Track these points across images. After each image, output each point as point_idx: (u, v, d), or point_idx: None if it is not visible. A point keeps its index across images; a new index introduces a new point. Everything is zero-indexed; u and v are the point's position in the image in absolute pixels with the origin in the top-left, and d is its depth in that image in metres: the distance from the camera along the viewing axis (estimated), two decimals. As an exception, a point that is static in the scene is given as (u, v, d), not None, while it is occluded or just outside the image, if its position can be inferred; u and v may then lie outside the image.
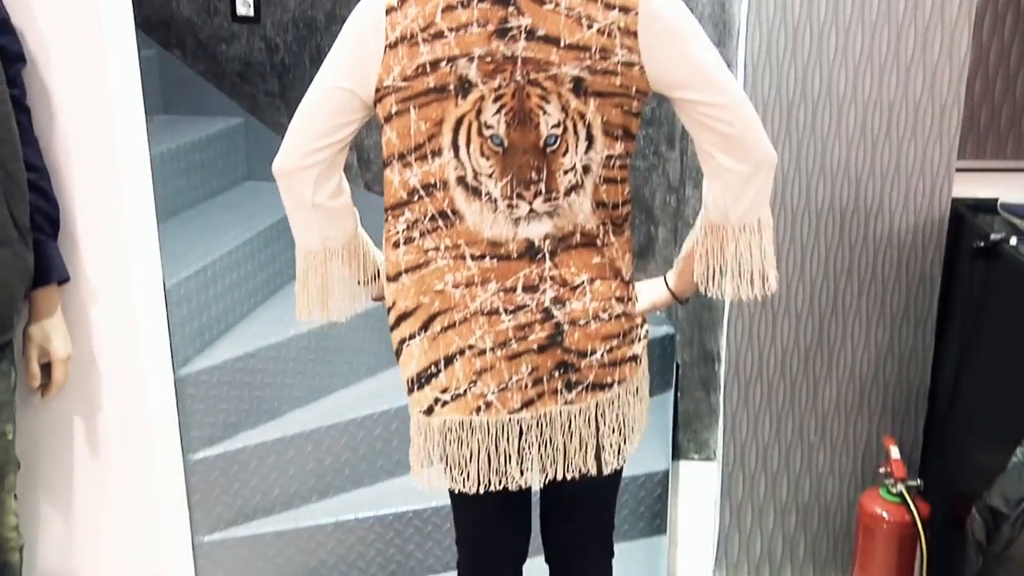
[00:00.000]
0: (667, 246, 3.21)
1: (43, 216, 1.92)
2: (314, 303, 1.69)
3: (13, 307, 1.84)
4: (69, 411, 2.20)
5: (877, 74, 2.35)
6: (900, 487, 2.25)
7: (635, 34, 1.42)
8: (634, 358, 1.60)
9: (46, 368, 2.01)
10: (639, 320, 1.62)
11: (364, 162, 3.28)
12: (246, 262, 2.84)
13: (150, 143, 2.19)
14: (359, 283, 1.71)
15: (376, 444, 2.70)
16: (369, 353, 2.90)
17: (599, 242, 1.54)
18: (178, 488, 2.38)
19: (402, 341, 1.60)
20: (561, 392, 1.56)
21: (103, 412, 2.20)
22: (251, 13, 3.30)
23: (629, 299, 1.59)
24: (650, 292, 1.70)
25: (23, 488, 2.17)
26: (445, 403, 1.57)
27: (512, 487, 1.59)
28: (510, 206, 1.50)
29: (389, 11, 1.46)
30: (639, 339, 1.62)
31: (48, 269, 1.93)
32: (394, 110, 1.49)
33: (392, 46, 1.46)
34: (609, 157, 1.49)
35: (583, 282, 1.54)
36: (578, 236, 1.52)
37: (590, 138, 1.48)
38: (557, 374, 1.55)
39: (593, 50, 1.42)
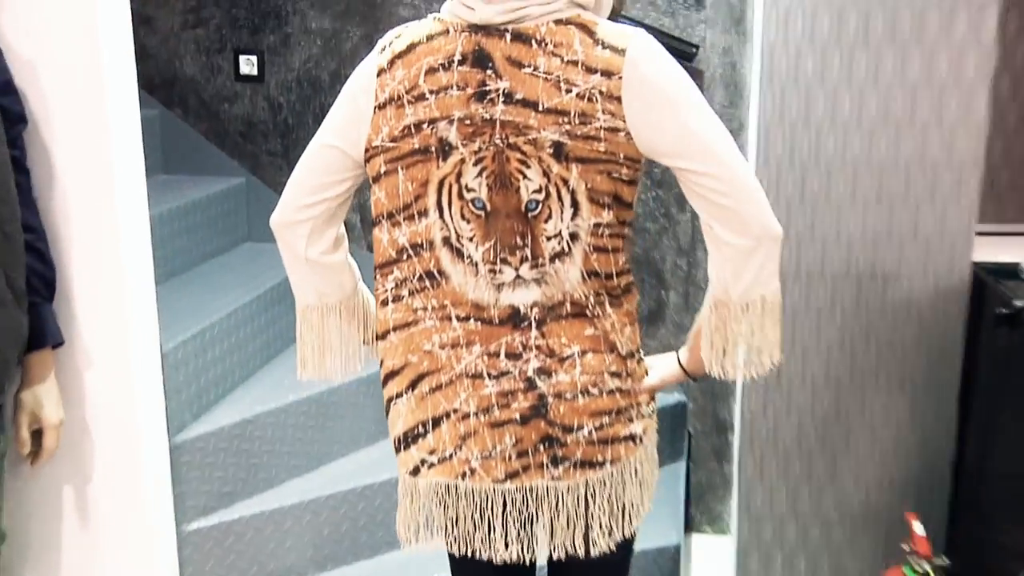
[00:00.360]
0: (679, 311, 3.20)
1: (39, 278, 1.92)
2: (311, 360, 1.70)
3: (6, 372, 1.83)
4: (59, 480, 2.17)
5: (893, 135, 2.35)
6: (926, 565, 2.24)
7: (619, 99, 1.41)
8: (631, 438, 1.58)
9: (37, 435, 1.99)
10: (642, 398, 1.60)
11: (367, 222, 3.31)
12: (245, 325, 2.83)
13: (150, 203, 2.25)
14: (362, 342, 1.72)
15: (377, 515, 2.68)
16: (370, 420, 2.89)
17: (591, 313, 1.52)
18: (171, 561, 2.35)
19: (390, 399, 1.61)
20: (547, 467, 1.54)
21: (95, 481, 2.19)
22: (255, 72, 3.34)
23: (628, 375, 1.57)
24: (661, 367, 1.67)
25: (10, 561, 2.15)
26: (432, 465, 1.57)
27: (497, 560, 1.57)
28: (492, 271, 1.50)
29: (380, 73, 1.49)
30: (639, 417, 1.59)
31: (43, 333, 1.93)
32: (383, 170, 1.51)
33: (381, 107, 1.48)
34: (597, 225, 1.48)
35: (573, 354, 1.52)
36: (568, 306, 1.51)
37: (575, 204, 1.46)
38: (542, 448, 1.53)
39: (572, 115, 1.41)
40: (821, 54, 2.37)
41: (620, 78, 1.40)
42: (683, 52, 2.87)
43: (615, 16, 1.58)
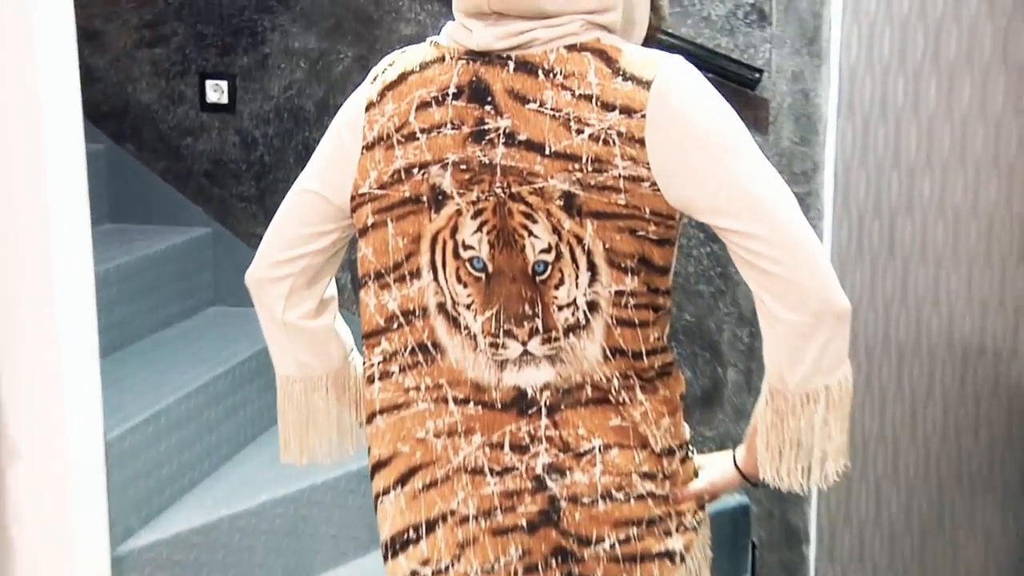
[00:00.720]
0: (739, 392, 3.18)
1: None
2: (294, 441, 1.75)
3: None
4: (-28, 601, 2.17)
5: (1005, 177, 2.33)
6: None
7: (641, 142, 1.42)
8: (668, 555, 1.57)
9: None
10: (685, 505, 1.60)
11: (358, 283, 3.36)
12: (209, 408, 2.83)
13: (95, 258, 2.22)
14: (357, 423, 1.76)
15: (369, 644, 2.67)
16: (360, 524, 2.88)
17: (616, 399, 1.53)
18: None
19: (377, 495, 1.64)
20: None
21: (18, 603, 2.18)
22: (224, 100, 3.36)
23: (666, 476, 1.57)
24: (713, 468, 1.67)
25: None
26: None
27: None
28: (494, 345, 1.52)
29: (369, 107, 1.53)
30: (680, 530, 1.59)
31: None
32: (370, 222, 1.55)
33: (369, 147, 1.53)
34: (620, 293, 1.49)
35: (593, 449, 1.54)
36: (588, 389, 1.53)
37: (592, 268, 1.48)
38: (554, 563, 1.55)
39: (584, 161, 1.43)
40: (914, 78, 2.37)
41: (643, 116, 1.42)
42: (744, 79, 2.86)
43: (653, 37, 1.59)
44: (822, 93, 2.83)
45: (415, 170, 1.50)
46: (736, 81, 2.83)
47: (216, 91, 3.36)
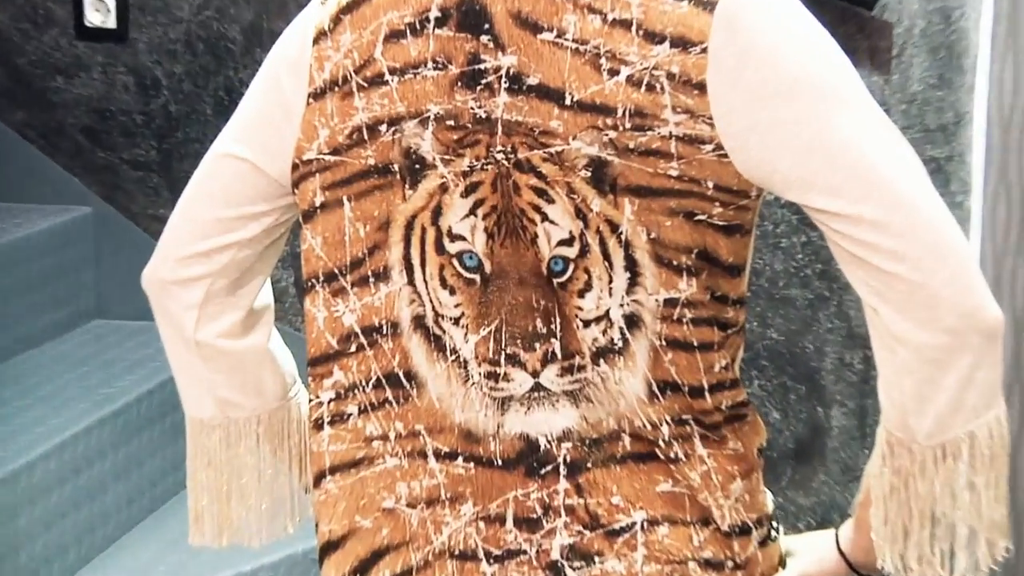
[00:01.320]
0: (847, 443, 3.19)
1: None
2: (206, 514, 1.78)
3: None
4: None
5: None
6: None
7: (702, 87, 1.44)
8: None
9: None
10: None
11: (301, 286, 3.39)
12: (88, 466, 2.80)
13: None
14: (301, 486, 1.82)
15: None
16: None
17: (665, 455, 1.55)
18: None
19: None
20: None
21: None
22: (111, 24, 3.35)
23: (739, 565, 1.58)
24: (808, 554, 1.69)
25: None
26: None
27: None
28: (493, 376, 1.56)
29: (318, 38, 1.57)
30: None
31: None
32: (319, 201, 1.58)
33: (318, 95, 1.56)
34: (671, 303, 1.51)
35: (633, 525, 1.56)
36: (627, 441, 1.55)
37: (633, 267, 1.51)
38: None
39: (620, 114, 1.46)
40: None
41: (704, 50, 1.44)
42: None
43: None
44: (971, 14, 2.80)
45: (382, 127, 1.53)
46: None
47: (99, 10, 3.34)
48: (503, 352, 1.54)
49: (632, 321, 1.51)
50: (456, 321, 1.55)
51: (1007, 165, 2.51)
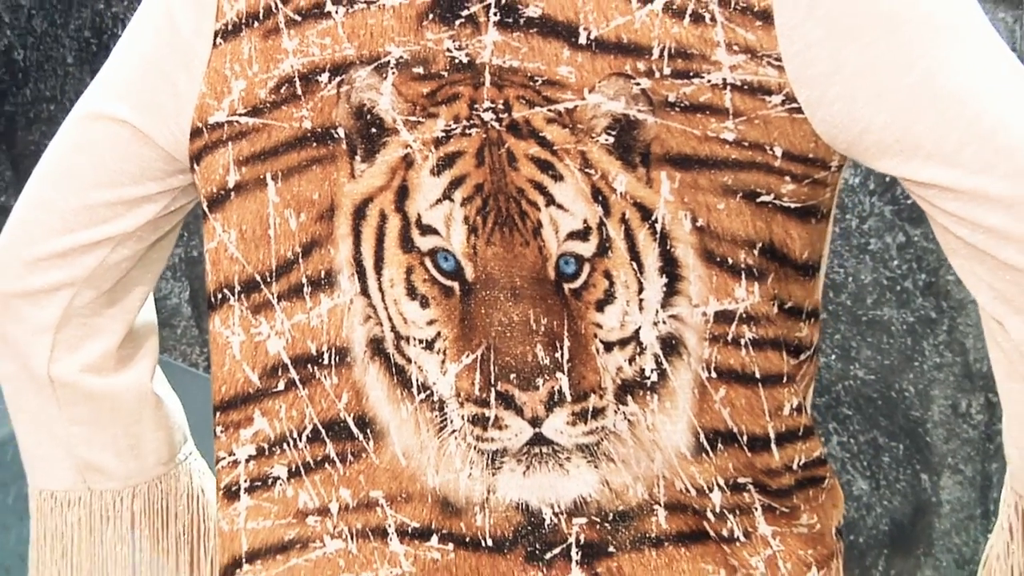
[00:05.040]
0: (963, 524, 3.05)
1: None
2: None
3: None
4: None
5: None
6: None
7: (766, 16, 1.40)
8: None
9: None
10: None
11: (202, 300, 3.36)
12: None
13: None
14: None
15: None
16: None
17: (716, 531, 1.51)
18: None
19: None
20: None
21: None
22: None
23: None
24: None
25: None
26: None
27: None
28: (479, 420, 1.50)
29: None
30: None
31: None
32: (231, 181, 1.54)
33: (229, 34, 1.51)
34: (725, 317, 1.47)
35: None
36: (662, 513, 1.51)
37: (671, 267, 1.45)
38: None
39: (656, 54, 1.42)
40: None
41: None
42: None
43: None
44: None
45: (323, 77, 1.49)
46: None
47: None
48: (493, 390, 1.49)
49: (671, 345, 1.47)
50: (429, 345, 1.50)
51: None
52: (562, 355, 1.48)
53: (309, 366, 1.54)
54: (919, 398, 3.01)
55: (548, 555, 1.53)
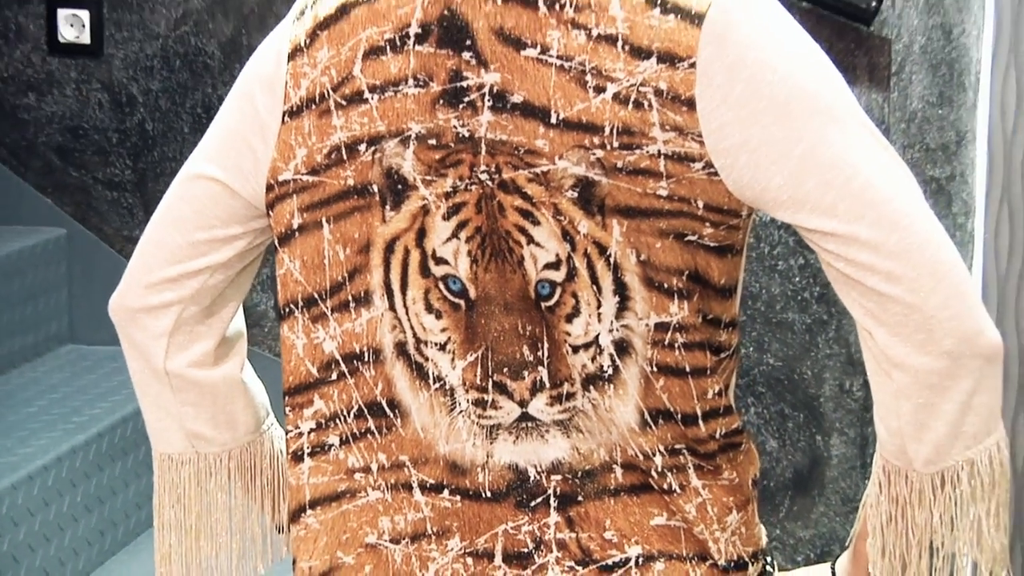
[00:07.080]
0: (848, 473, 3.20)
1: None
2: (174, 554, 1.79)
3: None
4: None
5: None
6: None
7: (691, 103, 1.45)
8: None
9: None
10: None
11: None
12: (58, 498, 2.81)
13: None
14: (275, 525, 1.84)
15: None
16: None
17: (660, 486, 1.57)
18: None
19: None
20: None
21: None
22: (86, 40, 3.36)
23: None
24: None
25: None
26: None
27: None
28: (480, 404, 1.57)
29: (294, 54, 1.57)
30: None
31: None
32: (296, 223, 1.59)
33: (294, 113, 1.57)
34: (662, 327, 1.53)
35: (628, 560, 1.57)
36: (619, 472, 1.57)
37: (622, 290, 1.52)
38: None
39: (608, 132, 1.47)
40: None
41: (692, 65, 1.44)
42: (855, 9, 2.88)
43: None
44: (971, 31, 2.81)
45: (362, 147, 1.53)
46: (842, 12, 2.85)
47: (74, 25, 3.34)
48: (490, 380, 1.55)
49: (622, 347, 1.52)
50: (442, 347, 1.56)
51: (1010, 185, 2.50)
52: (542, 354, 1.55)
53: (354, 362, 1.61)
54: (815, 380, 3.20)
55: (532, 503, 1.59)
